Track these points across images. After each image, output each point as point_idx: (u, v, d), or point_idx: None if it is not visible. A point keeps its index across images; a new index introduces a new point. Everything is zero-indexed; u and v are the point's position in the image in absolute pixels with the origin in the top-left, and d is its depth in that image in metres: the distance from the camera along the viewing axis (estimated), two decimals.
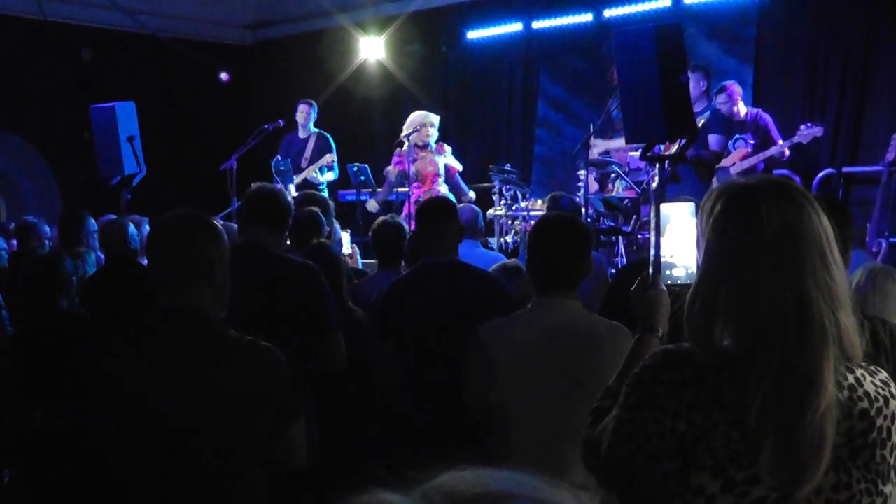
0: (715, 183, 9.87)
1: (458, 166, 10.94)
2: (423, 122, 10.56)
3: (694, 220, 2.56)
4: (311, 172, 11.35)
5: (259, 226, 4.51)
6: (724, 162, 9.78)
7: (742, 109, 9.65)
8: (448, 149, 10.86)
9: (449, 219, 4.85)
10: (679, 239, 2.58)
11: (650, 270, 2.62)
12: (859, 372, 2.04)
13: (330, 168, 11.52)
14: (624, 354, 3.53)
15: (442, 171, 10.65)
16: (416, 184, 10.48)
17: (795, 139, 9.19)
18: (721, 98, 9.69)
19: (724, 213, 2.05)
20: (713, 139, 8.83)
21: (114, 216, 7.75)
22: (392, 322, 4.69)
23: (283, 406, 2.98)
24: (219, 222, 3.48)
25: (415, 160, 10.47)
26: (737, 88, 9.74)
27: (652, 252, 2.55)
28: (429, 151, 10.60)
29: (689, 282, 2.55)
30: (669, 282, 2.62)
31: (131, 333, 3.03)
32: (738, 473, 1.97)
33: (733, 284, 2.01)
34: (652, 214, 2.56)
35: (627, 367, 2.43)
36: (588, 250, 3.82)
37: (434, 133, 10.63)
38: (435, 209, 4.93)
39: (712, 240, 2.07)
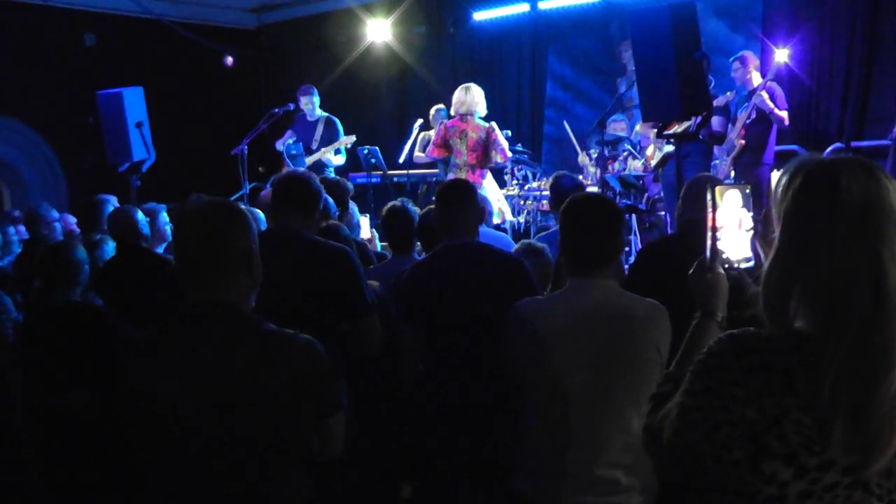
0: (718, 160, 9.84)
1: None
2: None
3: (748, 215, 2.55)
4: (327, 154, 11.25)
5: (291, 210, 4.48)
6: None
7: (755, 79, 9.61)
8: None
9: (468, 200, 4.80)
10: (734, 223, 2.53)
11: (707, 254, 2.51)
12: None
13: (339, 151, 11.46)
14: (663, 332, 3.51)
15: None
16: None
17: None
18: (735, 65, 9.76)
19: (804, 185, 2.02)
20: (716, 120, 8.78)
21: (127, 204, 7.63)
22: (416, 306, 4.67)
23: (323, 399, 2.93)
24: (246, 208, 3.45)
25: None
26: (752, 58, 9.71)
27: (709, 235, 2.48)
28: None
29: (746, 265, 2.54)
30: (727, 265, 2.54)
31: (165, 330, 2.92)
32: (811, 459, 1.94)
33: (810, 258, 1.98)
34: (707, 196, 2.48)
35: (687, 352, 2.38)
36: (620, 228, 3.77)
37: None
38: (454, 191, 4.88)
39: (790, 213, 2.03)
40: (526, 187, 11.15)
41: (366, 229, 7.38)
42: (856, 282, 1.93)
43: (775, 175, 2.29)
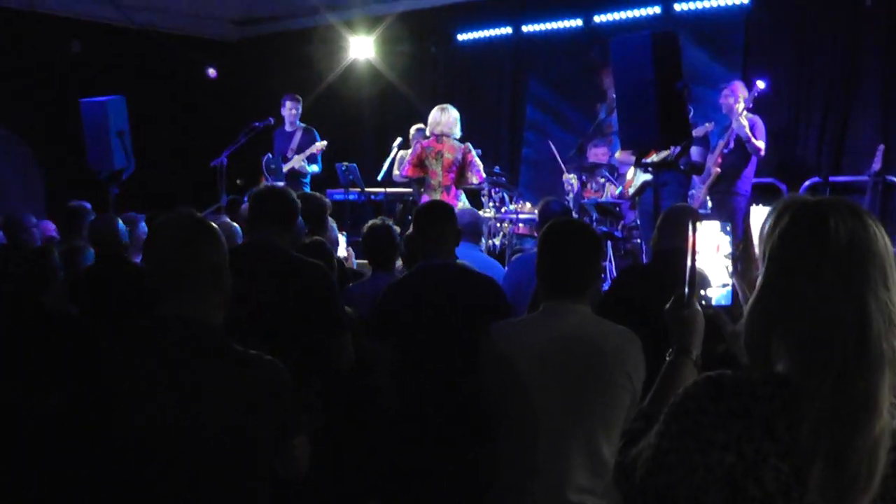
0: (694, 189, 9.91)
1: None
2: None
3: (727, 239, 2.52)
4: (299, 162, 11.32)
5: (269, 224, 4.50)
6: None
7: (739, 108, 9.66)
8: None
9: (447, 221, 4.84)
10: (706, 258, 2.52)
11: (685, 289, 2.46)
12: None
13: (315, 160, 11.49)
14: (634, 361, 3.54)
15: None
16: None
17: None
18: (725, 93, 9.77)
19: (791, 225, 2.01)
20: (695, 150, 8.85)
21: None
22: (391, 324, 4.69)
23: (285, 421, 2.92)
24: (223, 221, 3.47)
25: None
26: (741, 88, 9.75)
27: (687, 269, 2.45)
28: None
29: (722, 303, 2.53)
30: (704, 302, 2.50)
31: (129, 342, 2.92)
32: None
33: (795, 299, 1.97)
34: (689, 232, 2.47)
35: (661, 390, 2.37)
36: (598, 257, 3.80)
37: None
38: (433, 212, 4.92)
39: (776, 252, 2.02)
40: (503, 209, 11.18)
41: (342, 247, 7.40)
42: (840, 326, 1.91)
43: (756, 211, 2.27)
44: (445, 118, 9.59)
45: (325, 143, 11.46)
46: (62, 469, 4.34)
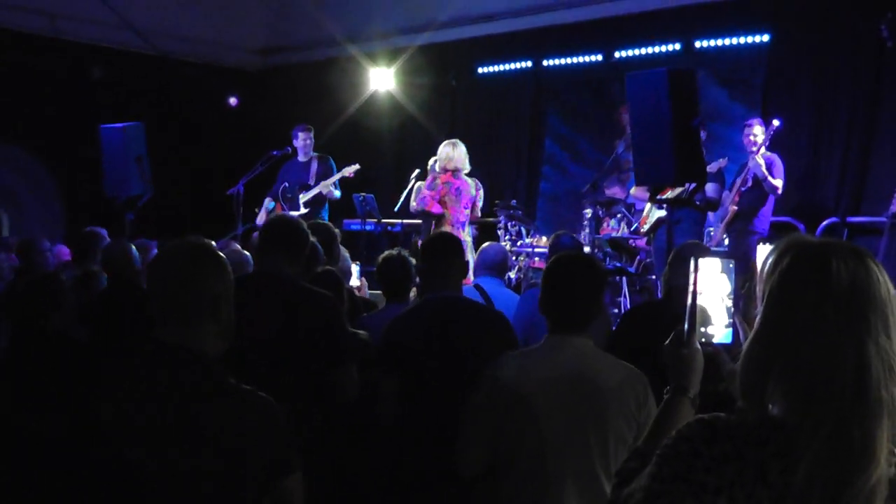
0: (712, 227, 9.88)
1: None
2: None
3: (725, 277, 2.45)
4: (328, 188, 11.22)
5: (277, 254, 4.50)
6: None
7: (756, 148, 9.67)
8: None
9: (453, 255, 4.84)
10: (709, 296, 2.44)
11: (685, 326, 2.41)
12: None
13: (337, 186, 11.47)
14: (638, 399, 3.53)
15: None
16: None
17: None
18: (746, 130, 9.80)
19: (792, 266, 1.98)
20: (710, 187, 8.83)
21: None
22: (396, 357, 4.67)
23: (277, 459, 2.86)
24: (233, 249, 3.46)
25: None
26: (759, 127, 9.76)
27: (688, 307, 2.39)
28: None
29: (723, 342, 2.46)
30: (703, 340, 2.45)
31: (125, 369, 2.91)
32: None
33: (793, 341, 1.93)
34: (690, 269, 2.44)
35: (656, 429, 2.35)
36: (602, 292, 3.80)
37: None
38: (439, 245, 4.92)
39: (776, 293, 1.98)
40: (518, 243, 11.19)
41: (354, 277, 7.39)
42: (838, 371, 1.88)
43: (763, 249, 2.23)
44: (458, 154, 9.68)
45: (357, 166, 11.38)
46: (56, 492, 4.35)
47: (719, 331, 2.46)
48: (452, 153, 9.65)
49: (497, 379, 3.69)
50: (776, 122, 9.63)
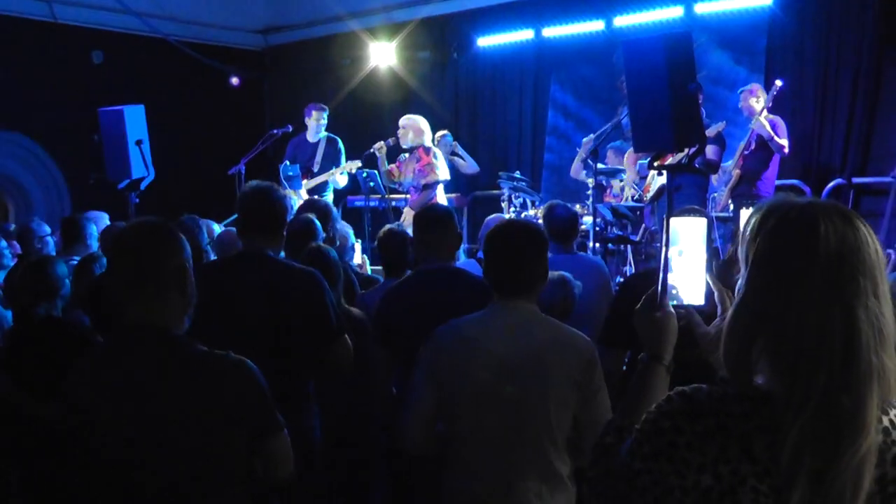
0: (717, 192, 9.87)
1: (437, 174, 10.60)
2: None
3: (704, 237, 2.34)
4: (335, 176, 11.26)
5: (255, 233, 4.46)
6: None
7: (759, 109, 9.65)
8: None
9: (444, 226, 4.83)
10: (689, 256, 2.33)
11: (658, 289, 2.31)
12: (893, 413, 1.89)
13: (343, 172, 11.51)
14: (580, 363, 3.49)
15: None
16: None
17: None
18: (743, 95, 9.89)
19: (778, 228, 1.91)
20: (710, 149, 8.79)
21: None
22: (390, 329, 4.69)
23: (259, 420, 2.92)
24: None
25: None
26: (759, 90, 9.75)
27: (660, 269, 2.30)
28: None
29: (698, 304, 2.36)
30: (675, 303, 2.33)
31: (101, 352, 2.95)
32: None
33: (779, 308, 1.87)
34: (662, 228, 2.35)
35: (633, 400, 2.27)
36: (543, 254, 3.79)
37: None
38: (430, 216, 4.91)
39: (761, 257, 1.92)
40: (523, 214, 11.17)
41: (358, 253, 7.40)
42: (826, 337, 1.82)
43: (744, 213, 2.14)
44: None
45: (358, 163, 11.42)
46: (52, 475, 4.39)
47: (694, 293, 2.35)
48: None
49: (436, 348, 3.71)
50: (779, 83, 9.61)
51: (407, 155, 10.68)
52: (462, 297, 4.55)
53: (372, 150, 10.89)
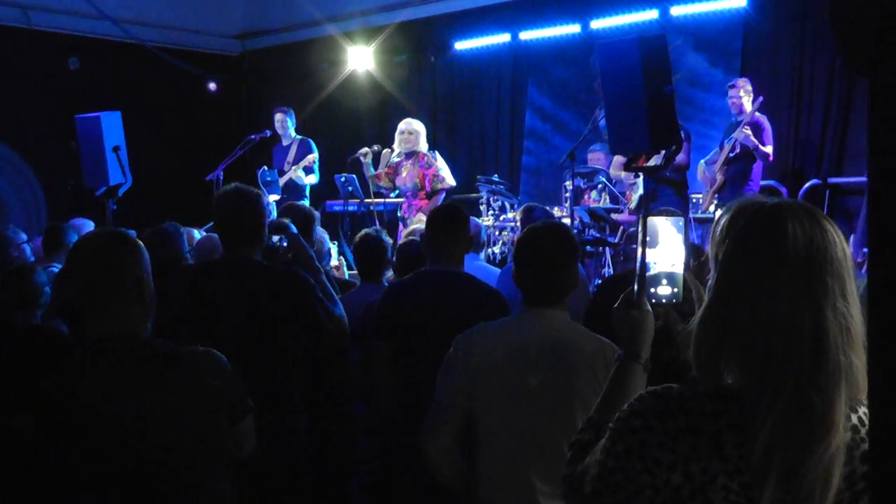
0: (701, 193, 9.91)
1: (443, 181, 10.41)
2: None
3: (680, 236, 2.35)
4: (297, 173, 11.35)
5: (233, 238, 4.45)
6: (712, 158, 9.86)
7: (748, 108, 9.70)
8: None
9: (459, 228, 4.81)
10: (665, 255, 2.34)
11: (635, 287, 2.33)
12: (862, 411, 1.91)
13: (311, 171, 11.53)
14: (607, 369, 3.49)
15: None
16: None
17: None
18: (731, 92, 9.89)
19: (747, 229, 1.94)
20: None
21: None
22: (390, 324, 4.68)
23: (232, 406, 3.01)
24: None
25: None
26: (745, 85, 9.80)
27: (637, 267, 2.33)
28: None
29: (674, 301, 2.35)
30: (654, 300, 2.34)
31: (70, 365, 2.95)
32: None
33: (747, 307, 1.90)
34: (639, 227, 2.37)
35: (609, 397, 2.29)
36: (575, 262, 3.78)
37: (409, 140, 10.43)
38: (446, 217, 4.86)
39: (729, 257, 1.95)
40: (502, 217, 11.20)
41: (334, 257, 7.40)
42: (795, 337, 1.85)
43: (718, 214, 2.16)
44: None
45: (315, 154, 11.46)
46: (29, 486, 4.37)
47: (671, 291, 2.36)
48: None
49: (463, 353, 3.68)
50: (759, 98, 9.66)
51: (398, 159, 10.47)
52: (465, 301, 4.56)
53: (357, 156, 10.79)
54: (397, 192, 10.68)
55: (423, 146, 10.39)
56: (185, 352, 2.93)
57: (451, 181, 10.37)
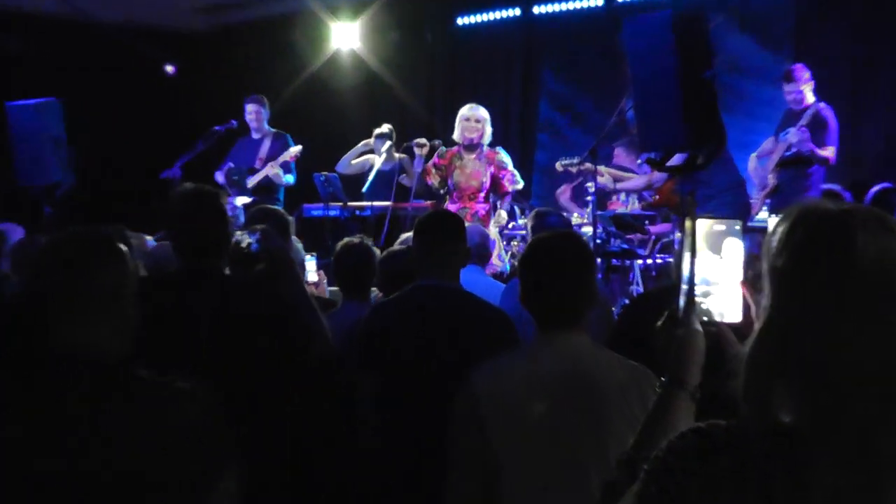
0: (753, 198, 9.85)
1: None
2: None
3: (741, 243, 2.34)
4: (275, 171, 11.28)
5: (191, 248, 4.41)
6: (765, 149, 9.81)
7: (809, 98, 9.69)
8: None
9: (455, 238, 4.80)
10: (725, 264, 2.35)
11: (681, 303, 2.28)
12: None
13: (289, 170, 11.49)
14: (643, 401, 3.46)
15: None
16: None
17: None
18: (788, 87, 9.81)
19: (809, 239, 1.88)
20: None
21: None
22: (376, 351, 4.67)
23: (206, 460, 2.91)
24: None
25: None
26: (802, 72, 9.74)
27: (684, 280, 2.27)
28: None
29: (723, 319, 2.35)
30: (705, 318, 2.33)
31: (26, 384, 2.90)
32: None
33: (807, 333, 1.83)
34: (685, 233, 2.32)
35: (648, 431, 2.27)
36: (593, 275, 3.74)
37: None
38: (439, 225, 4.86)
39: (788, 272, 1.89)
40: (511, 225, 11.15)
41: (312, 271, 7.35)
42: (862, 368, 1.79)
43: (771, 221, 2.12)
44: None
45: (299, 147, 11.45)
46: None
47: (730, 308, 2.35)
48: None
49: (477, 391, 3.65)
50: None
51: (446, 150, 10.25)
52: (466, 323, 4.57)
53: (412, 144, 10.64)
54: (444, 190, 10.30)
55: (488, 138, 10.14)
56: (157, 385, 2.88)
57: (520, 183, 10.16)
